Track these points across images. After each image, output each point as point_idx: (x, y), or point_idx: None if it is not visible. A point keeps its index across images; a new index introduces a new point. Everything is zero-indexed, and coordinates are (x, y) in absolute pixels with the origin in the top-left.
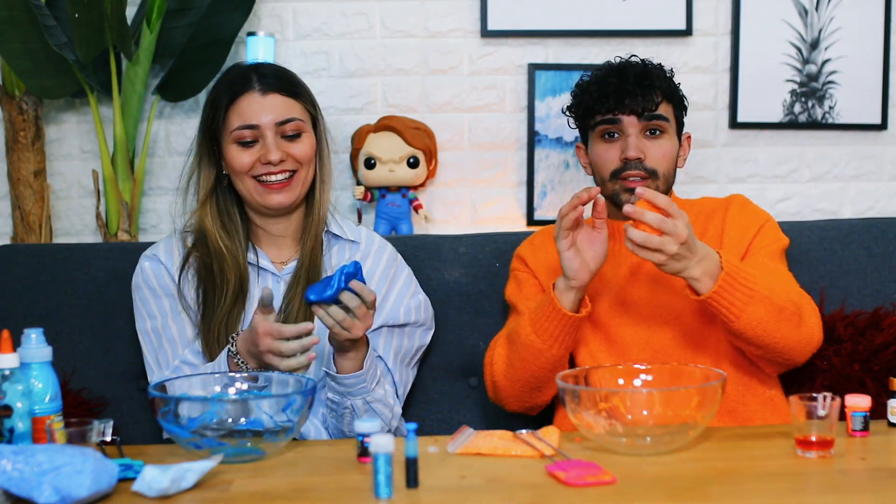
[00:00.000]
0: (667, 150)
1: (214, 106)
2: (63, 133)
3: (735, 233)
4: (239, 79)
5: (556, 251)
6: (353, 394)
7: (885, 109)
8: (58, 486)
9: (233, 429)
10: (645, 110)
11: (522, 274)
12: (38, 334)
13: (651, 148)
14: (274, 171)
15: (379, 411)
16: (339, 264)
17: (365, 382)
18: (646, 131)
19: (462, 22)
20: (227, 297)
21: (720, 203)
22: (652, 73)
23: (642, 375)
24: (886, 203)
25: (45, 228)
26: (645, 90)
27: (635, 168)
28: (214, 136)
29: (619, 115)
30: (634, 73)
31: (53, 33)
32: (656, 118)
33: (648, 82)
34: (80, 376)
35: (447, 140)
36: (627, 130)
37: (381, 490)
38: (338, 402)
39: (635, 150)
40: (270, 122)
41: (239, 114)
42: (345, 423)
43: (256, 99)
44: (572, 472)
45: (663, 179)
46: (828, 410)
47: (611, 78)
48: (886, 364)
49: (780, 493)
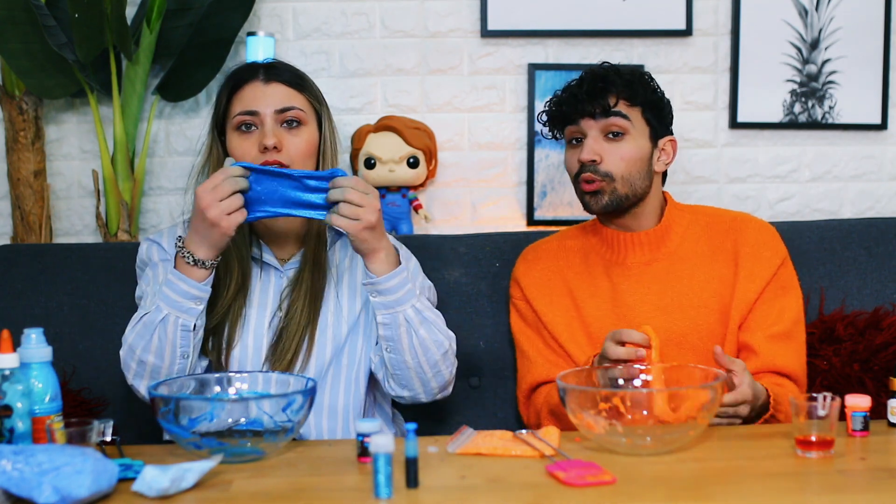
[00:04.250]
0: (626, 152)
1: (220, 96)
2: (63, 133)
3: (752, 264)
4: (246, 70)
5: (549, 263)
6: (402, 301)
7: (885, 109)
8: (58, 486)
9: (233, 429)
10: (598, 110)
11: (520, 303)
12: (38, 334)
13: (608, 150)
14: (272, 161)
15: (433, 321)
16: (344, 260)
17: (408, 283)
18: (606, 133)
19: (462, 22)
20: (230, 291)
21: (735, 221)
22: (610, 77)
23: (642, 375)
24: (886, 203)
25: (45, 228)
26: (598, 92)
27: (590, 171)
28: (221, 127)
29: (576, 119)
30: (592, 77)
31: (53, 33)
32: (613, 115)
33: (603, 85)
34: (80, 376)
35: (447, 140)
36: (587, 133)
37: (381, 490)
38: (389, 323)
39: (589, 152)
40: (271, 109)
41: (241, 100)
42: (405, 350)
43: (259, 87)
44: (572, 472)
45: (622, 182)
46: (828, 410)
47: (572, 84)
48: (886, 364)
49: (780, 493)
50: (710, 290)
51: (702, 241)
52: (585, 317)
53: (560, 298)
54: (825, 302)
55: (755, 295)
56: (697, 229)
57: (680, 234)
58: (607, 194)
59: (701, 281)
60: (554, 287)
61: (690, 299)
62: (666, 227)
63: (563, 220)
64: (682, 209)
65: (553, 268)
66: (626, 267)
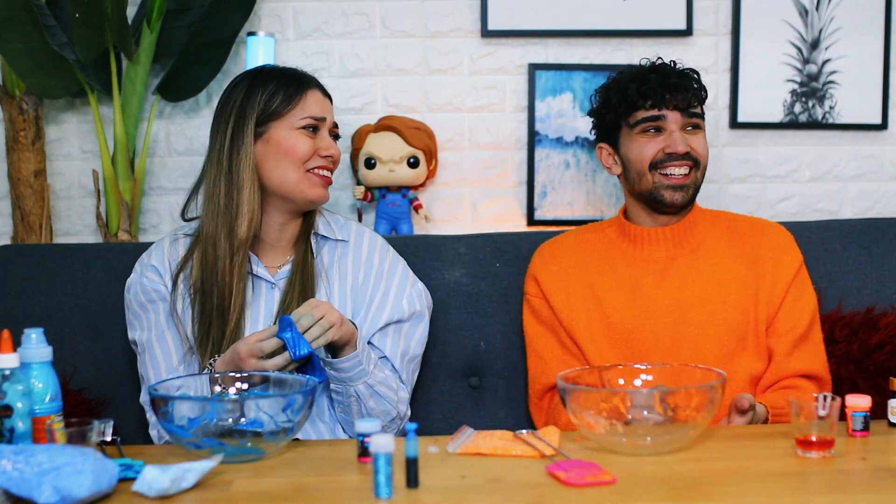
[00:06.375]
0: (704, 143)
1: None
2: (63, 133)
3: (775, 266)
4: (301, 75)
5: (567, 257)
6: (354, 378)
7: (885, 109)
8: (58, 486)
9: (233, 429)
10: (689, 106)
11: (536, 301)
12: (38, 334)
13: (693, 141)
14: (328, 166)
15: (383, 394)
16: (331, 265)
17: (362, 364)
18: (686, 127)
19: (462, 22)
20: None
21: (756, 225)
22: (688, 73)
23: (642, 375)
24: (886, 203)
25: (46, 228)
26: (686, 87)
27: (682, 158)
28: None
29: (663, 111)
30: (675, 71)
31: (54, 33)
32: (696, 115)
33: (688, 80)
34: (80, 376)
35: (447, 140)
36: (670, 126)
37: (381, 490)
38: (342, 392)
39: (683, 143)
40: (329, 121)
41: (307, 105)
42: (354, 414)
43: (319, 97)
44: (572, 472)
45: (702, 171)
46: (828, 410)
47: (650, 74)
48: (880, 365)
49: (780, 493)
50: (729, 287)
51: (722, 242)
52: (606, 308)
53: (579, 291)
54: (824, 302)
55: (780, 299)
56: (718, 230)
57: (702, 232)
58: (692, 188)
59: (721, 279)
60: (573, 281)
61: (710, 294)
62: (690, 223)
63: (563, 220)
64: (704, 211)
65: (573, 261)
66: (649, 262)
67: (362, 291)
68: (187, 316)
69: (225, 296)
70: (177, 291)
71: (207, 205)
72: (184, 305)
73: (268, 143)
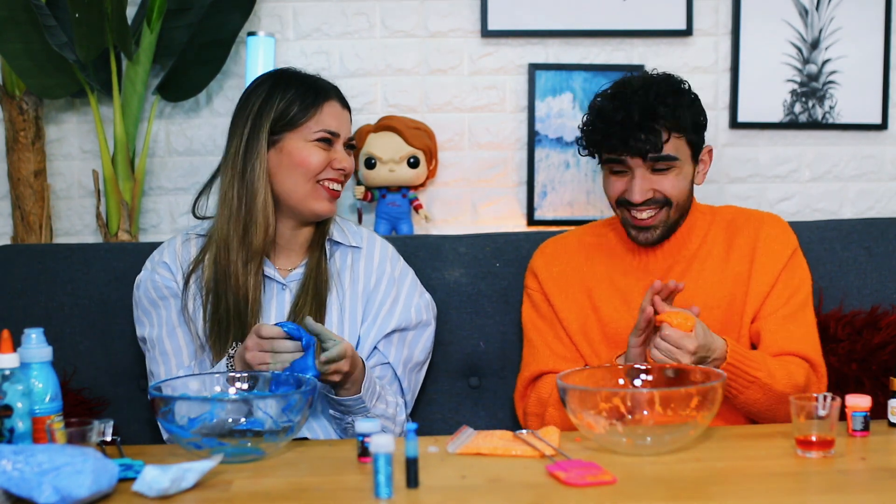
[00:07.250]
0: (675, 181)
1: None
2: (63, 133)
3: (766, 258)
4: (321, 85)
5: (568, 259)
6: (354, 412)
7: (885, 109)
8: (58, 486)
9: (233, 429)
10: (649, 152)
11: (536, 294)
12: (38, 334)
13: (661, 182)
14: (339, 180)
15: (381, 423)
16: (343, 270)
17: (364, 403)
18: (654, 168)
19: (462, 22)
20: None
21: (751, 219)
22: (658, 110)
23: (642, 375)
24: (886, 203)
25: (46, 228)
26: (649, 131)
27: (644, 203)
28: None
29: (624, 157)
30: (640, 110)
31: (54, 33)
32: (661, 160)
33: (652, 122)
34: (80, 376)
35: (447, 140)
36: (634, 171)
37: (381, 490)
38: (339, 419)
39: (641, 193)
40: (345, 135)
41: (323, 117)
42: (349, 436)
43: (338, 109)
44: (572, 472)
45: (675, 208)
46: (828, 410)
47: (617, 114)
48: (883, 364)
49: (780, 493)
50: (723, 290)
51: (719, 242)
52: (602, 316)
53: (578, 295)
54: (825, 302)
55: (768, 288)
56: (717, 230)
57: (700, 236)
58: (660, 227)
59: (714, 282)
60: (571, 283)
61: (703, 299)
62: (687, 231)
63: (563, 220)
64: (704, 211)
65: (573, 265)
66: (647, 272)
67: (373, 297)
68: (198, 315)
69: (241, 300)
70: (188, 291)
71: (221, 207)
72: (195, 305)
73: (281, 151)
